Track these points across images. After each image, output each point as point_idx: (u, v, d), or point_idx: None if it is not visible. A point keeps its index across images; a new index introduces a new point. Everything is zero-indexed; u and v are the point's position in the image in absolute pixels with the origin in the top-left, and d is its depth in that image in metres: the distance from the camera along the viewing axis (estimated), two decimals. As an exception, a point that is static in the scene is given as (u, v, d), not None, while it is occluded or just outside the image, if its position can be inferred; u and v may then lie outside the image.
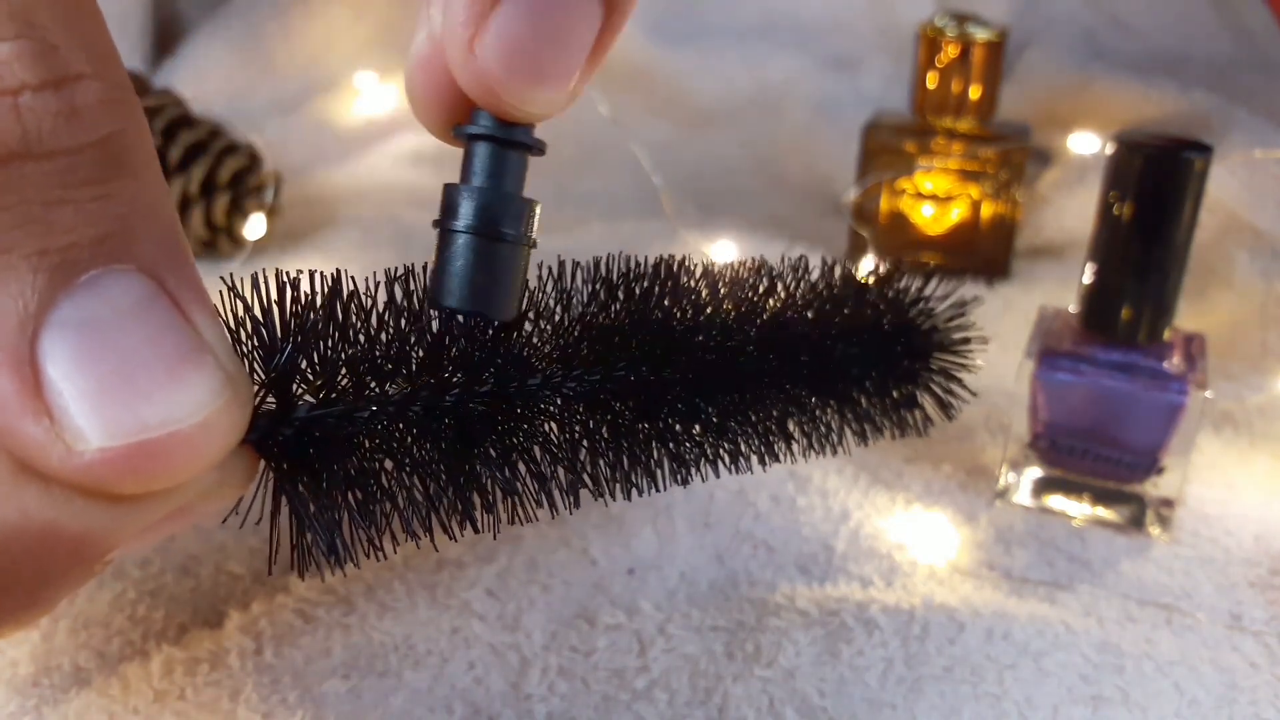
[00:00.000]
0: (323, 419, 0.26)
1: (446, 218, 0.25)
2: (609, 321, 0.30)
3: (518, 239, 0.25)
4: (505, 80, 0.22)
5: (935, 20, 0.71)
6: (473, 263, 0.25)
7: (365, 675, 0.38)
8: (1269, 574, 0.46)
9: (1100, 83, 0.83)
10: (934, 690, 0.39)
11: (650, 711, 0.38)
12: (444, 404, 0.27)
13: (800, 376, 0.34)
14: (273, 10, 1.02)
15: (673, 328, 0.31)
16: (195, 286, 0.23)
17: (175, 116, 0.70)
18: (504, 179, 0.25)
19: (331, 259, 0.70)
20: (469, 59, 0.21)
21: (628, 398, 0.31)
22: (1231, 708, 0.39)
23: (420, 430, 0.27)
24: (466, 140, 0.25)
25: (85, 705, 0.36)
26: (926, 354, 0.39)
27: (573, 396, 0.30)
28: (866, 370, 0.37)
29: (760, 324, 0.33)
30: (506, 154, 0.24)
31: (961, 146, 0.71)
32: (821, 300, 0.36)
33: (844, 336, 0.36)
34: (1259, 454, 0.55)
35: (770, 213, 0.82)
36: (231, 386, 0.23)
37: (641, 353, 0.30)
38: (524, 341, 0.29)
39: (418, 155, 0.89)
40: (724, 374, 0.32)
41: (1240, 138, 0.71)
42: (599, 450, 0.31)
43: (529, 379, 0.28)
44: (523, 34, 0.21)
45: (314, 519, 0.26)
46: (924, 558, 0.46)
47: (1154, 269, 0.46)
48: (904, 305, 0.38)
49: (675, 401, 0.31)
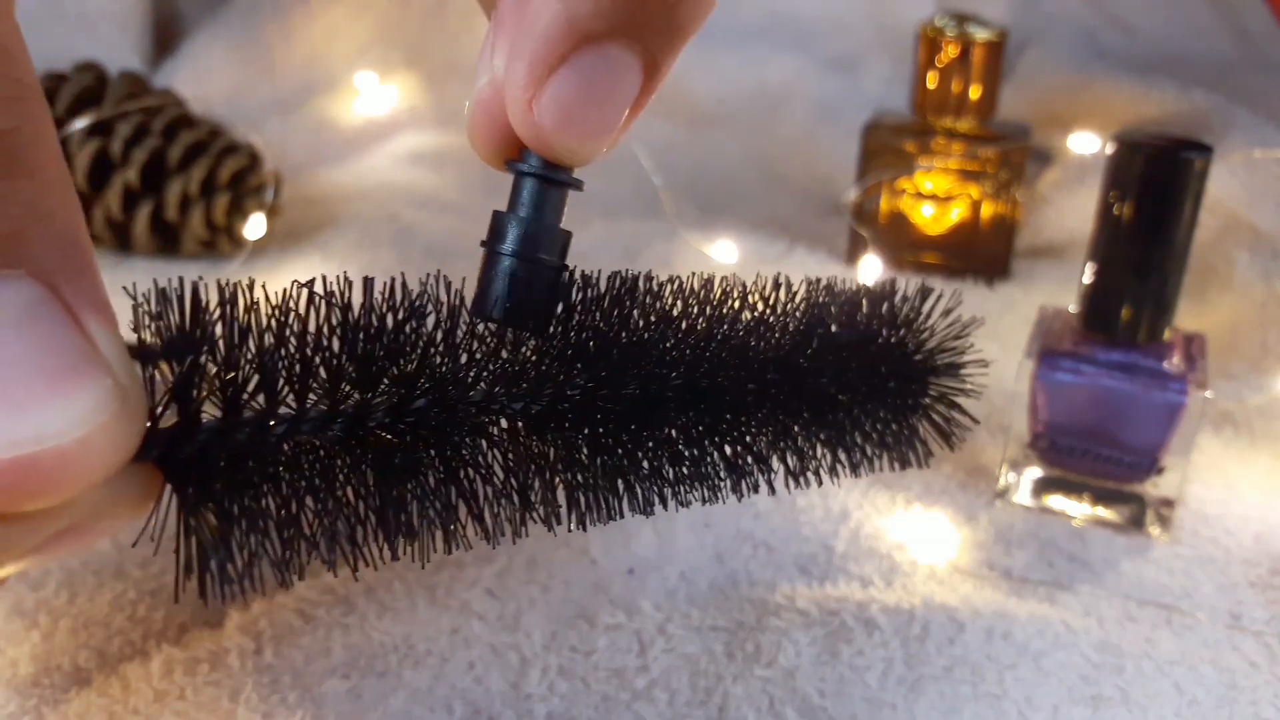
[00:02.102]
0: (230, 437, 0.25)
1: (493, 240, 0.28)
2: (563, 340, 0.29)
3: (554, 264, 0.28)
4: (556, 136, 0.24)
5: (935, 20, 0.71)
6: (514, 283, 0.28)
7: (365, 675, 0.38)
8: (1269, 574, 0.46)
9: (1100, 83, 0.83)
10: (934, 690, 0.39)
11: (650, 711, 0.38)
12: (369, 423, 0.26)
13: (779, 402, 0.32)
14: (273, 10, 1.02)
15: (633, 347, 0.29)
16: (93, 294, 0.22)
17: (175, 116, 0.70)
18: (546, 211, 0.28)
19: (331, 259, 0.70)
20: (527, 116, 0.24)
21: (580, 421, 0.29)
22: (1231, 708, 0.39)
23: (343, 451, 0.26)
24: (517, 175, 0.28)
25: (85, 705, 0.36)
26: (922, 379, 0.36)
27: (518, 418, 0.28)
28: (854, 396, 0.34)
29: (731, 345, 0.31)
30: (550, 190, 0.27)
31: (961, 146, 0.71)
32: (806, 319, 0.33)
33: (828, 359, 0.33)
34: (1259, 454, 0.55)
35: (770, 213, 0.82)
36: (121, 400, 0.22)
37: (595, 373, 0.29)
38: (468, 358, 0.27)
39: (417, 155, 0.89)
40: (689, 397, 0.30)
41: (1240, 138, 0.71)
42: (546, 477, 0.29)
43: (467, 398, 0.27)
44: (573, 100, 0.24)
45: (216, 545, 0.25)
46: (924, 558, 0.46)
47: (1154, 269, 0.46)
48: (898, 325, 0.36)
49: (632, 426, 0.30)
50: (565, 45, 0.23)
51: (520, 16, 0.24)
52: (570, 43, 0.23)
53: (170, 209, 0.67)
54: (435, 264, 0.70)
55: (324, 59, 1.01)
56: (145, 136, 0.68)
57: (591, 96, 0.24)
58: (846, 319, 0.34)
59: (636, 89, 0.25)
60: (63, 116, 0.68)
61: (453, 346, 0.28)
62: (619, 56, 0.24)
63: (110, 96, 0.69)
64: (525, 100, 0.24)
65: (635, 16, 0.23)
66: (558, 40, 0.23)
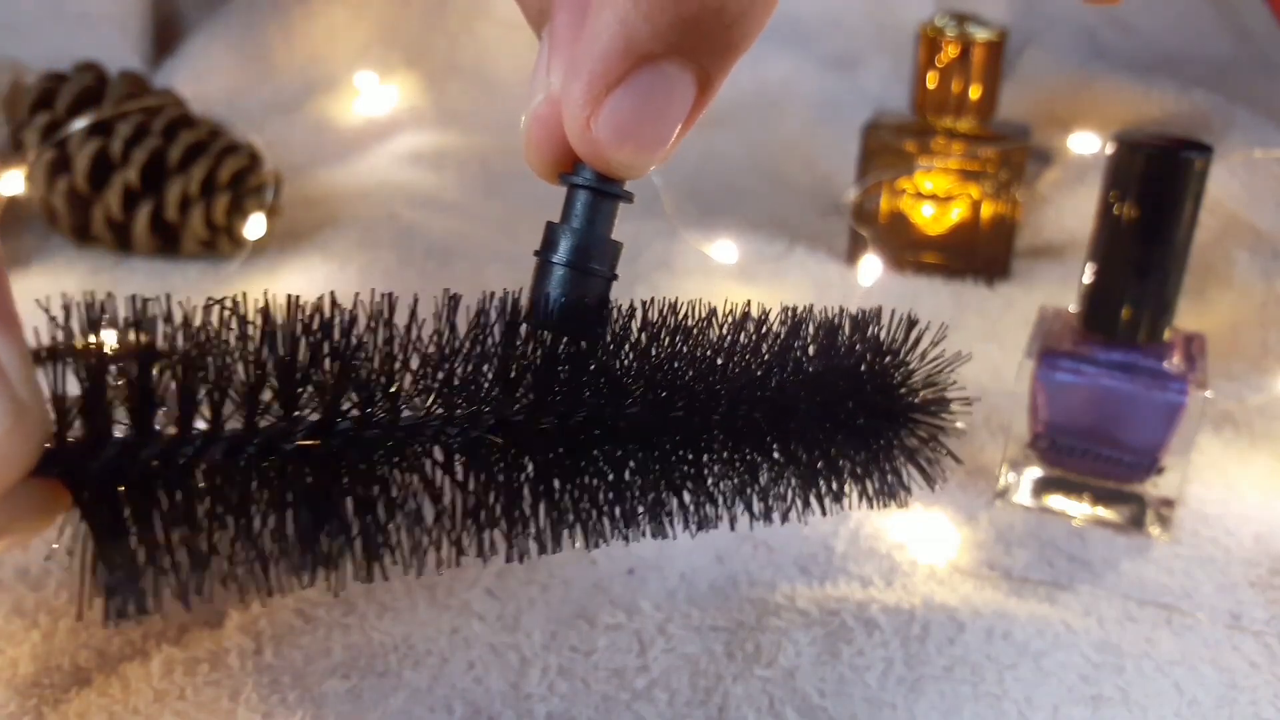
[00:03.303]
0: (137, 455, 0.24)
1: (546, 250, 0.28)
2: (515, 361, 0.28)
3: (604, 273, 0.29)
4: (613, 151, 0.25)
5: (935, 20, 0.71)
6: (566, 291, 0.28)
7: (365, 675, 0.38)
8: (1269, 574, 0.46)
9: (1100, 83, 0.83)
10: (934, 690, 0.39)
11: (650, 711, 0.38)
12: (289, 444, 0.25)
13: (743, 434, 0.31)
14: (273, 10, 1.02)
15: (582, 370, 0.28)
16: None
17: (175, 116, 0.70)
18: (598, 223, 0.28)
19: (331, 259, 0.70)
20: (585, 133, 0.25)
21: (521, 448, 0.28)
22: (1231, 708, 0.39)
23: (258, 472, 0.25)
24: (570, 188, 0.28)
25: (85, 705, 0.36)
26: (903, 415, 0.33)
27: (455, 444, 0.27)
28: (826, 430, 0.32)
29: (695, 371, 0.30)
30: (602, 202, 0.28)
31: (961, 146, 0.71)
32: (780, 346, 0.31)
33: (801, 390, 0.31)
34: (1259, 454, 0.55)
35: (770, 213, 0.82)
36: (16, 416, 0.21)
37: (540, 397, 0.28)
38: (394, 381, 0.27)
39: (417, 155, 0.89)
40: (645, 426, 0.29)
41: (1240, 138, 0.71)
42: (480, 507, 0.28)
43: (398, 422, 0.26)
44: (630, 118, 0.25)
45: (116, 564, 0.24)
46: (924, 558, 0.46)
47: (1154, 269, 0.46)
48: (880, 356, 0.33)
49: (577, 456, 0.29)
50: (624, 65, 0.24)
51: (577, 36, 0.25)
52: (629, 63, 0.24)
53: (170, 209, 0.67)
54: (435, 264, 0.70)
55: (324, 59, 1.01)
56: (145, 136, 0.68)
57: (648, 114, 0.25)
58: (824, 348, 0.32)
59: (690, 105, 0.25)
60: (63, 116, 0.68)
61: (389, 367, 0.27)
62: (675, 75, 0.25)
63: (110, 96, 0.69)
64: (583, 118, 0.25)
65: (691, 37, 0.24)
66: (616, 60, 0.24)
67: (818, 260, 0.74)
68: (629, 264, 0.77)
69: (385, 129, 0.94)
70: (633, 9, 0.23)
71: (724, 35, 0.24)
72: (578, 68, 0.24)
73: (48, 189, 0.68)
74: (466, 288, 0.29)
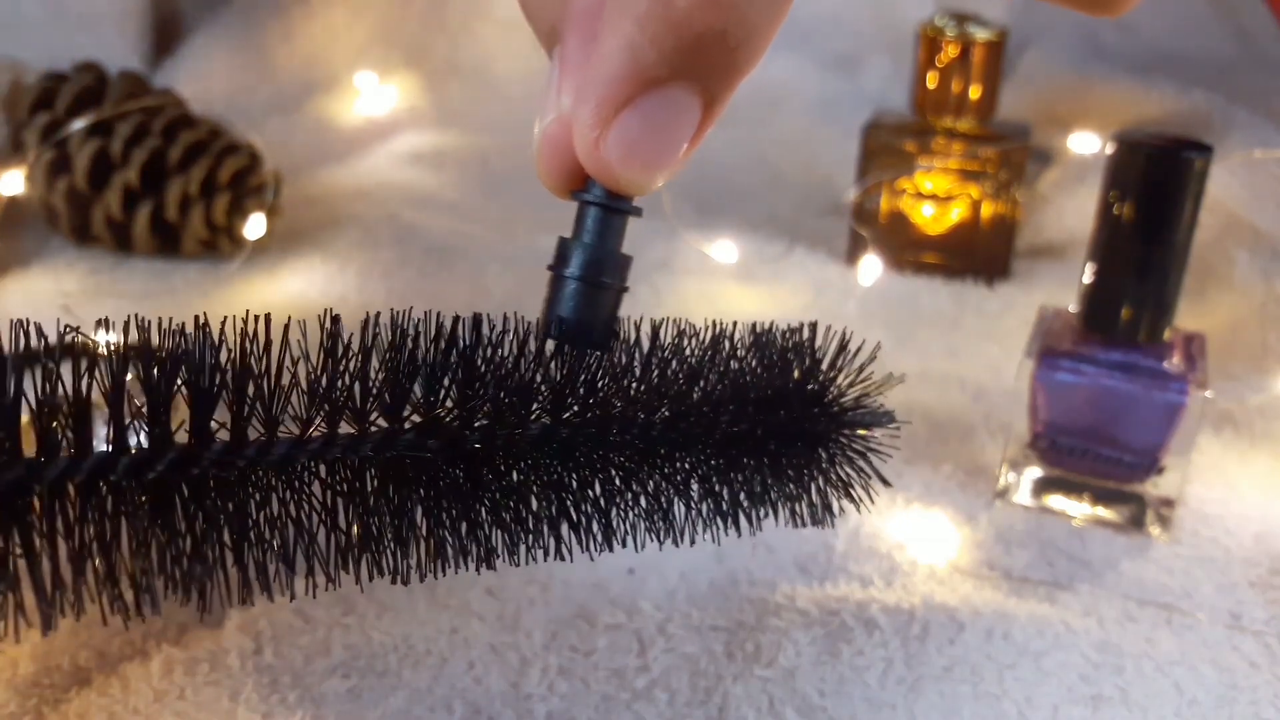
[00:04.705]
0: (40, 474, 0.24)
1: (559, 265, 0.29)
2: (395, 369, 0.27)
3: (616, 285, 0.29)
4: (621, 170, 0.26)
5: (935, 20, 0.71)
6: (579, 304, 0.29)
7: (365, 675, 0.38)
8: (1269, 574, 0.46)
9: (1100, 83, 0.83)
10: (934, 690, 0.39)
11: (650, 711, 0.38)
12: (197, 466, 0.25)
13: (659, 447, 0.30)
14: (273, 10, 1.02)
15: (480, 381, 0.28)
16: None
17: (175, 116, 0.70)
18: (608, 237, 0.29)
19: (331, 259, 0.70)
20: (594, 153, 0.26)
21: (414, 471, 0.27)
22: (1231, 708, 0.39)
23: (127, 499, 0.25)
24: (581, 204, 0.29)
25: (85, 705, 0.36)
26: (831, 434, 0.32)
27: (336, 462, 0.27)
28: (747, 444, 0.31)
29: (611, 381, 0.29)
30: (612, 218, 0.29)
31: (961, 146, 0.71)
32: (706, 358, 0.30)
33: (724, 404, 0.30)
34: (1259, 454, 0.55)
35: (770, 213, 0.82)
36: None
37: (432, 410, 0.27)
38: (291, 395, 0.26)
39: (417, 155, 0.89)
40: (551, 439, 0.28)
41: (1240, 138, 0.71)
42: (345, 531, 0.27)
43: (272, 446, 0.26)
44: (637, 139, 0.26)
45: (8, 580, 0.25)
46: (924, 558, 0.46)
47: (1154, 269, 0.46)
48: (809, 373, 0.32)
49: (474, 471, 0.28)
50: (631, 89, 0.25)
51: (587, 59, 0.26)
52: (636, 87, 0.25)
53: (170, 209, 0.67)
54: (435, 264, 0.71)
55: (324, 59, 1.01)
56: (145, 136, 0.68)
57: (654, 135, 0.26)
58: (754, 362, 0.31)
59: (695, 125, 0.26)
60: (63, 117, 0.68)
61: (290, 384, 0.26)
62: (680, 97, 0.26)
63: (110, 96, 0.69)
64: (593, 139, 0.26)
65: (695, 60, 0.25)
66: (624, 84, 0.25)
67: (818, 260, 0.74)
68: (629, 264, 0.77)
69: (385, 129, 0.94)
70: (639, 35, 0.24)
71: (727, 58, 0.25)
72: (587, 91, 0.25)
73: (48, 189, 0.68)
74: (466, 288, 0.29)
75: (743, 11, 0.24)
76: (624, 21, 0.24)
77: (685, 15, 0.24)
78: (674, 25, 0.24)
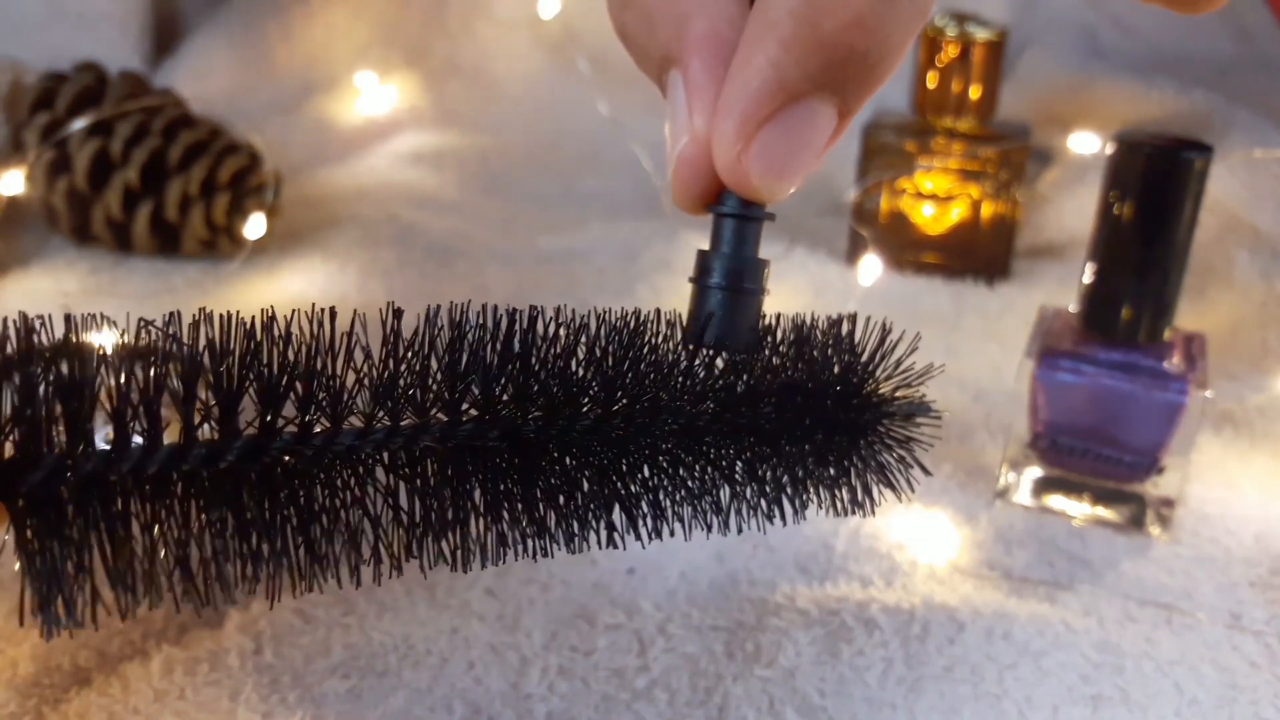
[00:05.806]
0: (75, 469, 0.24)
1: (702, 276, 0.30)
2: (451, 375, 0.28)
3: (756, 290, 0.30)
4: (762, 180, 0.27)
5: (935, 20, 0.71)
6: (724, 311, 0.30)
7: (365, 675, 0.38)
8: (1269, 574, 0.46)
9: (1100, 83, 0.83)
10: (934, 690, 0.39)
11: (650, 711, 0.38)
12: (226, 458, 0.26)
13: (699, 441, 0.31)
14: (273, 10, 1.02)
15: (523, 378, 0.28)
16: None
17: (175, 116, 0.70)
18: (746, 245, 0.30)
19: (331, 259, 0.70)
20: (736, 166, 0.27)
21: (456, 460, 0.28)
22: (1231, 708, 0.39)
23: (194, 487, 0.26)
24: (718, 217, 0.30)
25: (85, 705, 0.36)
26: (872, 424, 0.33)
27: (387, 456, 0.27)
28: (788, 435, 0.32)
29: (655, 376, 0.30)
30: (749, 227, 0.30)
31: (961, 146, 0.71)
32: (742, 359, 0.31)
33: (765, 396, 0.31)
34: (1259, 454, 0.55)
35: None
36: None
37: (488, 405, 0.28)
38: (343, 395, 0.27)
39: (417, 155, 0.89)
40: (581, 435, 0.29)
41: (1240, 138, 0.71)
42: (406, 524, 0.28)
43: (337, 435, 0.27)
44: (780, 150, 0.27)
45: (47, 575, 0.25)
46: (924, 557, 0.46)
47: (1154, 269, 0.46)
48: (850, 363, 0.32)
49: (521, 467, 0.29)
50: (774, 103, 0.26)
51: (716, 81, 0.27)
52: (779, 101, 0.26)
53: (170, 209, 0.67)
54: (435, 264, 0.71)
55: (324, 59, 1.01)
56: (145, 136, 0.68)
57: (795, 146, 0.27)
58: (792, 351, 0.32)
59: (830, 132, 0.27)
60: (63, 116, 0.68)
61: (335, 378, 0.27)
62: (819, 109, 0.27)
63: (110, 96, 0.69)
64: (735, 152, 0.27)
65: (837, 74, 0.26)
66: (768, 99, 0.26)
67: (818, 260, 0.74)
68: (629, 263, 0.77)
69: (385, 129, 0.94)
70: (784, 54, 0.25)
71: (867, 74, 0.27)
72: (729, 107, 0.26)
73: (48, 189, 0.68)
74: (466, 288, 0.29)
75: (886, 33, 0.25)
76: (768, 43, 0.25)
77: (832, 37, 0.25)
78: (820, 46, 0.25)
